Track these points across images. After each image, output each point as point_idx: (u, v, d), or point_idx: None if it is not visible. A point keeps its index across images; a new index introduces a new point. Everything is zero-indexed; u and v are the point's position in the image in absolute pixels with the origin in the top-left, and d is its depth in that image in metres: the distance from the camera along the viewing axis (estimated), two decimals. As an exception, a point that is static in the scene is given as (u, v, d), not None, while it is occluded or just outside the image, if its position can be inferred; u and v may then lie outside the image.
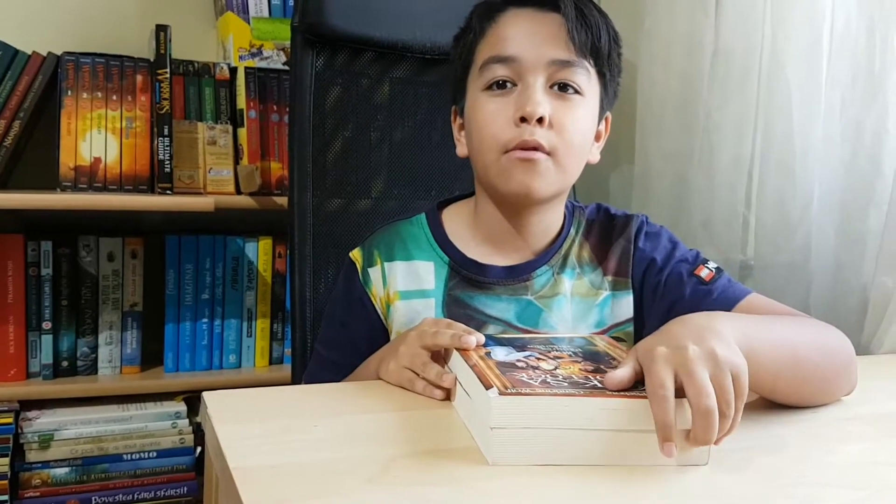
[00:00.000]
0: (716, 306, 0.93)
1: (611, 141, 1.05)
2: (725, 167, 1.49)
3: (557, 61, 0.92)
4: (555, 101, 0.92)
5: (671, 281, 0.99)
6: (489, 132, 0.93)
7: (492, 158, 0.94)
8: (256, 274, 1.80)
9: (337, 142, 1.33)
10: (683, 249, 1.02)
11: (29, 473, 1.60)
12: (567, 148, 0.92)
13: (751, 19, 1.43)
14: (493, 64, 0.94)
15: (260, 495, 0.57)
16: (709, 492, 0.62)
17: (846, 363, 0.87)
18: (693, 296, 0.96)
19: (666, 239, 1.03)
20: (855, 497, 0.63)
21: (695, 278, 0.97)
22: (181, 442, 1.70)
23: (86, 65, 1.66)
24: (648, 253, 1.00)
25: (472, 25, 0.99)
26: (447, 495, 0.59)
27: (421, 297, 0.99)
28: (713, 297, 0.95)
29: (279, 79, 1.78)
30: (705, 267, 0.98)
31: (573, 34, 0.92)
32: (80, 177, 1.65)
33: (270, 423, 0.73)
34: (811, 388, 0.83)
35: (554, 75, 0.92)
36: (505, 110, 0.92)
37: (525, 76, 0.92)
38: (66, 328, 1.68)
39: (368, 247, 1.03)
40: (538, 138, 0.90)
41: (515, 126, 0.91)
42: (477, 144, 0.96)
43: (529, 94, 0.91)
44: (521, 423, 0.64)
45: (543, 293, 0.99)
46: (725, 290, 0.96)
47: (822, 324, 0.90)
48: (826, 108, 1.32)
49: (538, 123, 0.90)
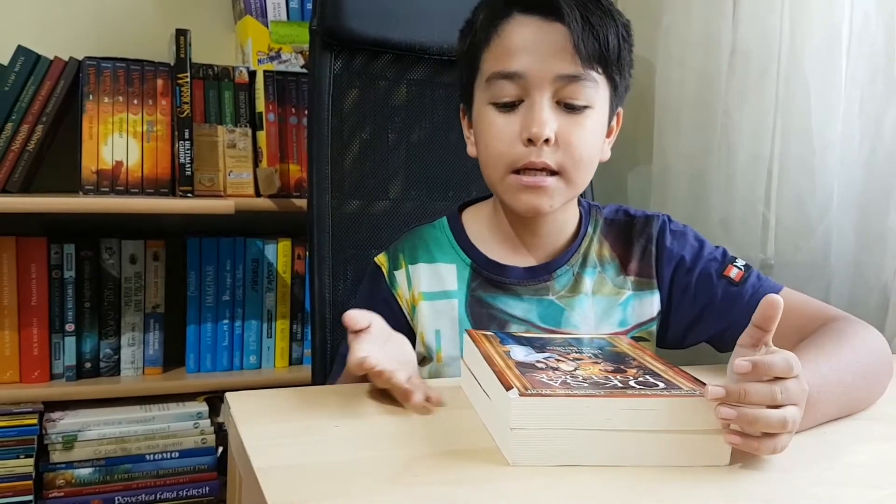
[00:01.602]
0: (748, 310, 0.92)
1: (629, 140, 1.06)
2: (744, 166, 1.48)
3: (564, 76, 0.90)
4: (561, 116, 0.91)
5: (701, 282, 0.98)
6: (496, 150, 0.93)
7: (498, 176, 0.94)
8: (276, 275, 1.81)
9: (355, 144, 1.34)
10: (710, 248, 1.01)
11: (53, 474, 1.62)
12: (575, 164, 0.92)
13: (768, 18, 1.43)
14: (499, 80, 0.92)
15: (284, 494, 0.57)
16: (729, 492, 0.62)
17: (883, 372, 0.87)
18: (725, 299, 0.96)
19: (692, 237, 1.02)
20: (875, 497, 0.63)
21: (725, 279, 0.97)
22: (203, 442, 1.72)
23: (107, 69, 1.68)
24: (677, 252, 1.00)
25: (476, 28, 0.97)
26: (468, 495, 0.59)
27: (444, 299, 0.99)
28: (745, 300, 0.95)
29: (297, 82, 1.80)
30: (734, 266, 0.98)
31: (579, 47, 0.89)
32: (101, 180, 1.67)
33: (293, 423, 0.74)
34: (856, 410, 0.83)
35: (560, 91, 0.91)
36: (511, 127, 0.91)
37: (531, 92, 0.91)
38: (89, 330, 1.70)
39: (393, 251, 1.03)
40: (545, 159, 0.90)
41: (522, 145, 0.91)
42: (484, 158, 0.96)
43: (535, 113, 0.90)
44: (541, 424, 0.64)
45: (564, 293, 0.99)
46: (756, 290, 0.96)
47: (863, 332, 0.88)
48: (845, 107, 1.32)
49: (545, 143, 0.90)
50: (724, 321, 0.96)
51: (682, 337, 1.01)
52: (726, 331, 0.97)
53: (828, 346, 0.84)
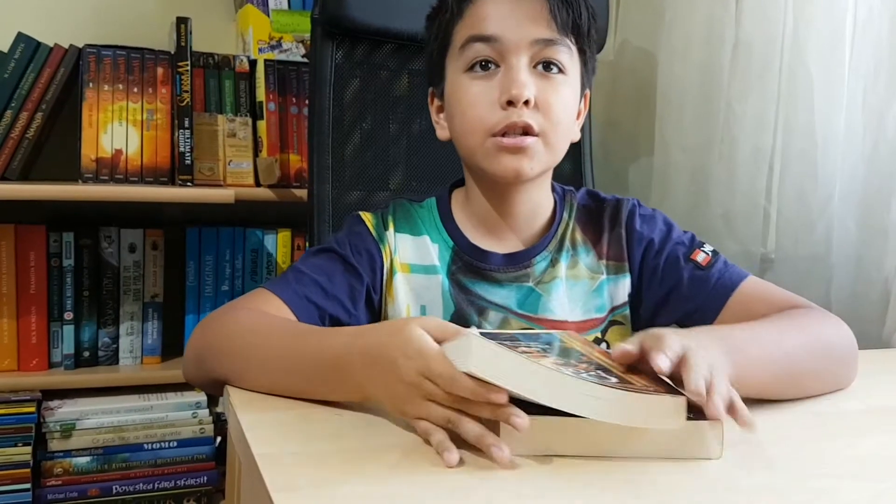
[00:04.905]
0: (714, 294, 0.95)
1: (630, 133, 1.05)
2: (746, 160, 1.48)
3: (541, 40, 0.91)
4: (539, 80, 0.91)
5: (668, 265, 0.99)
6: (474, 115, 0.92)
7: (477, 142, 0.92)
8: (276, 265, 1.81)
9: (356, 134, 1.34)
10: (679, 232, 1.02)
11: (51, 462, 1.62)
12: (554, 127, 0.92)
13: (771, 11, 1.43)
14: (474, 43, 0.92)
15: (284, 481, 0.57)
16: (728, 485, 0.62)
17: (842, 357, 0.88)
18: (691, 282, 0.97)
19: (661, 221, 1.02)
20: (876, 489, 0.63)
21: (692, 263, 0.97)
22: (201, 432, 1.71)
23: (107, 57, 1.67)
24: (646, 235, 1.00)
25: (447, 4, 0.97)
26: (468, 481, 0.59)
27: (431, 274, 0.98)
28: (711, 284, 0.95)
29: (298, 71, 1.79)
30: (701, 251, 0.98)
31: (555, 13, 0.91)
32: (101, 169, 1.67)
33: (293, 411, 0.73)
34: (803, 387, 0.84)
35: (538, 55, 0.91)
36: (489, 92, 0.91)
37: (508, 57, 0.91)
38: (88, 319, 1.69)
39: (382, 213, 1.01)
40: (526, 119, 0.89)
41: (501, 109, 0.90)
42: (461, 128, 0.95)
43: (514, 75, 0.90)
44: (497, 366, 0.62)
45: (543, 279, 0.99)
46: (722, 275, 0.96)
47: (818, 315, 0.90)
48: (848, 100, 1.31)
49: (525, 105, 0.89)
50: (691, 304, 0.97)
51: (651, 319, 1.01)
52: (693, 314, 0.97)
53: (767, 322, 0.87)
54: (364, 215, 1.00)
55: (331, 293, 0.92)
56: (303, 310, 0.89)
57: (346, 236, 0.98)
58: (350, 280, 0.94)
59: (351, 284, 0.94)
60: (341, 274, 0.94)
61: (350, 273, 0.94)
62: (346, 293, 0.93)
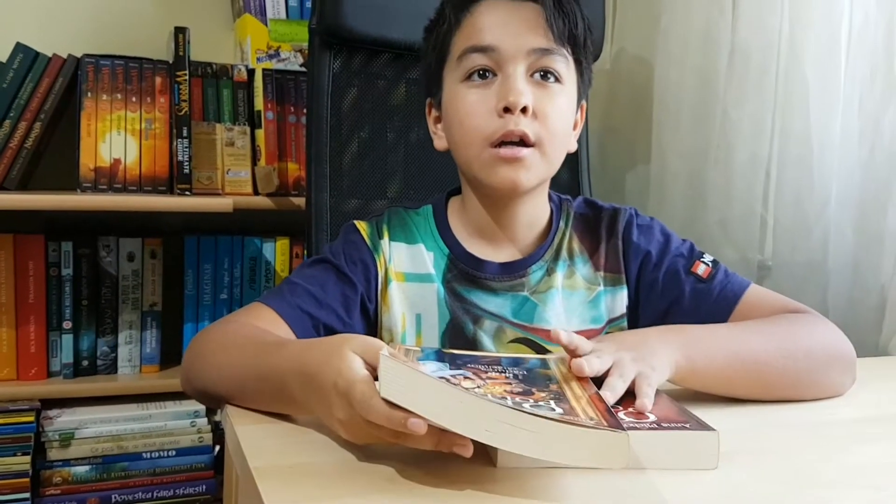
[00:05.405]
0: (717, 308, 0.94)
1: (627, 140, 1.05)
2: (742, 166, 1.48)
3: (538, 49, 0.91)
4: (536, 89, 0.91)
5: (668, 278, 0.98)
6: (472, 124, 0.92)
7: (475, 152, 0.93)
8: (274, 274, 1.81)
9: (353, 143, 1.34)
10: (677, 242, 1.01)
11: (50, 471, 1.62)
12: (551, 137, 0.92)
13: (768, 17, 1.43)
14: (471, 53, 0.92)
15: (280, 494, 0.57)
16: (728, 492, 0.62)
17: (828, 362, 0.88)
18: (692, 296, 0.96)
19: (659, 232, 1.02)
20: (876, 497, 0.63)
21: (692, 276, 0.97)
22: (200, 441, 1.71)
23: (105, 67, 1.68)
24: (643, 247, 0.99)
25: (445, 16, 0.97)
26: (464, 496, 0.59)
27: (426, 282, 0.98)
28: (713, 297, 0.95)
29: (296, 80, 1.79)
30: (702, 262, 0.98)
31: (552, 22, 0.91)
32: (99, 178, 1.67)
33: (289, 423, 0.74)
34: (775, 388, 0.85)
35: (535, 64, 0.92)
36: (486, 101, 0.91)
37: (505, 66, 0.91)
38: (87, 328, 1.69)
39: (377, 222, 1.01)
40: (523, 128, 0.89)
41: (498, 117, 0.90)
42: (459, 137, 0.95)
43: (511, 83, 0.90)
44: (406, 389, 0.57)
45: (538, 288, 0.98)
46: (724, 287, 0.96)
47: (809, 320, 0.90)
48: (844, 106, 1.32)
49: (522, 113, 0.89)
50: (692, 319, 0.95)
51: None
52: None
53: (740, 323, 0.91)
54: (359, 224, 1.00)
55: (324, 302, 0.92)
56: (296, 320, 0.89)
57: (341, 246, 0.98)
58: (343, 289, 0.94)
59: (344, 293, 0.94)
60: (334, 283, 0.94)
61: (343, 282, 0.95)
62: (339, 302, 0.94)
